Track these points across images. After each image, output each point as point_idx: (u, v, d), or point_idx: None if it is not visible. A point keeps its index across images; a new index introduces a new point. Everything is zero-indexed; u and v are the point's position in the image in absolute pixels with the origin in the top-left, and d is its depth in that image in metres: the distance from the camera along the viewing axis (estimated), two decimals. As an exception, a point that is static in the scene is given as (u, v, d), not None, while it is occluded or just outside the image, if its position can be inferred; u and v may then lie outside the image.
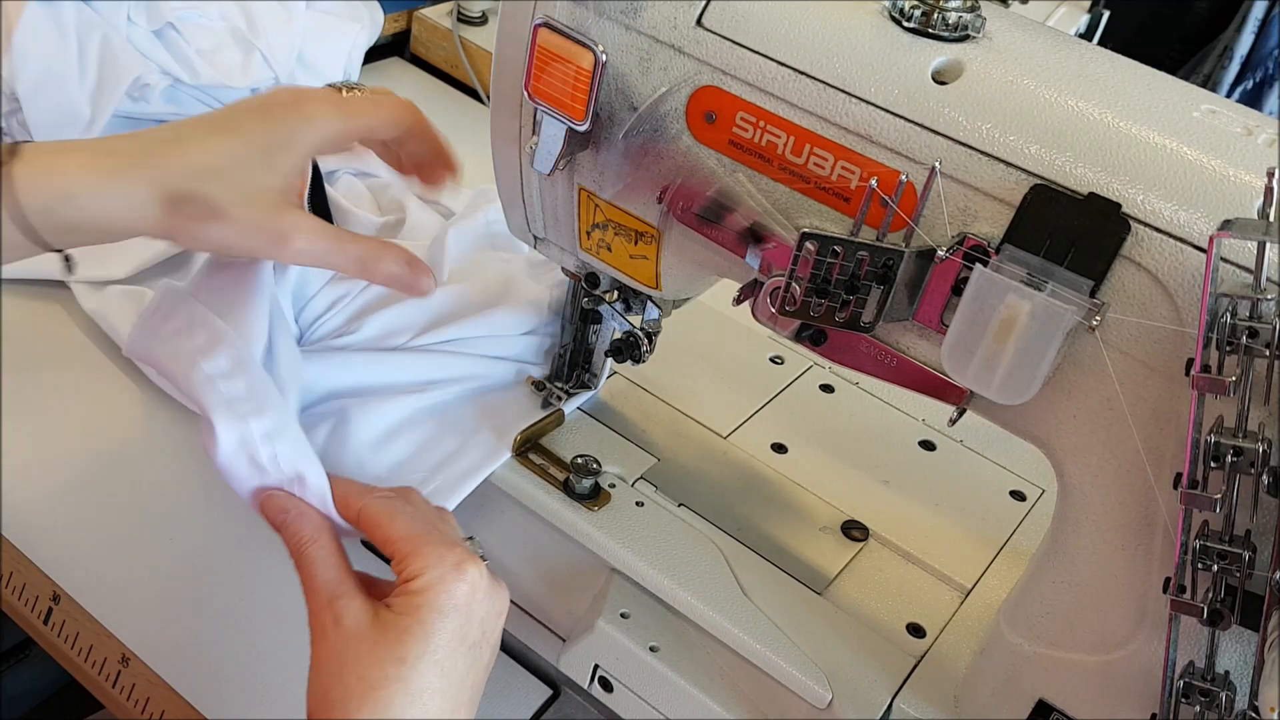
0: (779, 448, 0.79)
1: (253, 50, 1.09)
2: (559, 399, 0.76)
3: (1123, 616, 0.55)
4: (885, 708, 0.63)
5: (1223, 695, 0.51)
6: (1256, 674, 0.49)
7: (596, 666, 0.69)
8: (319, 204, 1.01)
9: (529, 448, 0.73)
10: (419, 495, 0.66)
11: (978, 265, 0.50)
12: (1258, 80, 1.92)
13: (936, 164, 0.51)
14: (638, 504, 0.71)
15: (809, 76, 0.54)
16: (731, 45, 0.56)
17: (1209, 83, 1.93)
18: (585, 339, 0.76)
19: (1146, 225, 0.49)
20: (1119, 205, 0.49)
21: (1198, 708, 0.52)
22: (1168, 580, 0.51)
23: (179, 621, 0.74)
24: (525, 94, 0.59)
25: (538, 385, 0.76)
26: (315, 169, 1.00)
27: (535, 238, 0.71)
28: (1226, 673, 0.52)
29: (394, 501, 0.62)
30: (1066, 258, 0.49)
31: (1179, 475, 0.49)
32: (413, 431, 0.74)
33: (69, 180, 0.57)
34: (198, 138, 0.60)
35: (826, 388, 0.86)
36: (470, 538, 0.62)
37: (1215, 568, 0.49)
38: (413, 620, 0.55)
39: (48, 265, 0.65)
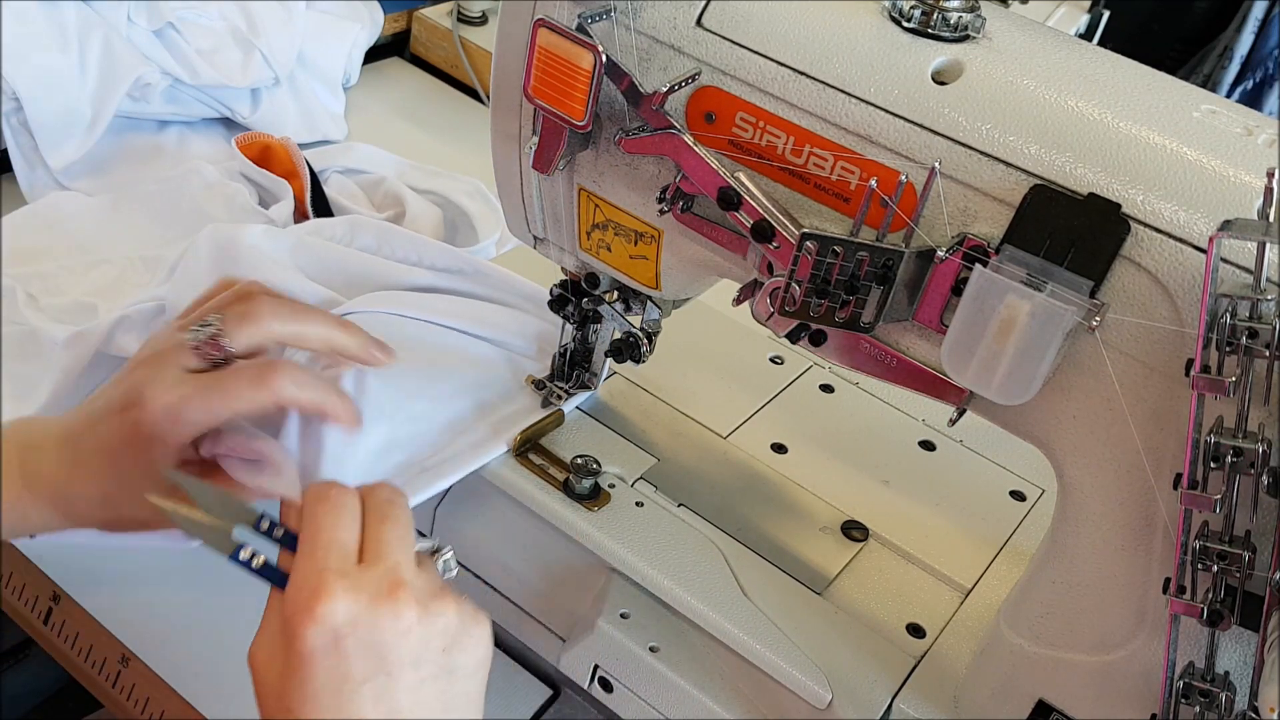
0: (779, 448, 0.79)
1: (253, 50, 1.09)
2: (559, 399, 0.76)
3: (1123, 617, 0.55)
4: (885, 708, 0.63)
5: (1222, 696, 0.51)
6: (1256, 674, 0.49)
7: (596, 667, 0.69)
8: (320, 206, 1.01)
9: (529, 448, 0.73)
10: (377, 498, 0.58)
11: (977, 265, 0.50)
12: (1258, 80, 1.92)
13: (936, 164, 0.51)
14: (638, 504, 0.71)
15: (809, 76, 0.54)
16: (731, 45, 0.56)
17: (1209, 83, 1.93)
18: (585, 339, 0.76)
19: (1146, 225, 0.49)
20: (1119, 205, 0.49)
21: (1198, 708, 0.52)
22: (1168, 580, 0.51)
23: (179, 621, 0.74)
24: (525, 95, 0.59)
25: (538, 385, 0.76)
26: (311, 172, 1.01)
27: (535, 238, 0.71)
28: (1226, 673, 0.52)
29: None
30: (1066, 258, 0.49)
31: (1179, 475, 0.49)
32: (409, 426, 0.73)
33: (20, 516, 0.61)
34: (91, 462, 0.60)
35: (826, 388, 0.86)
36: (436, 550, 0.57)
37: (1215, 568, 0.49)
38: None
39: None
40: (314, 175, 1.01)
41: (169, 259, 0.86)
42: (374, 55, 1.31)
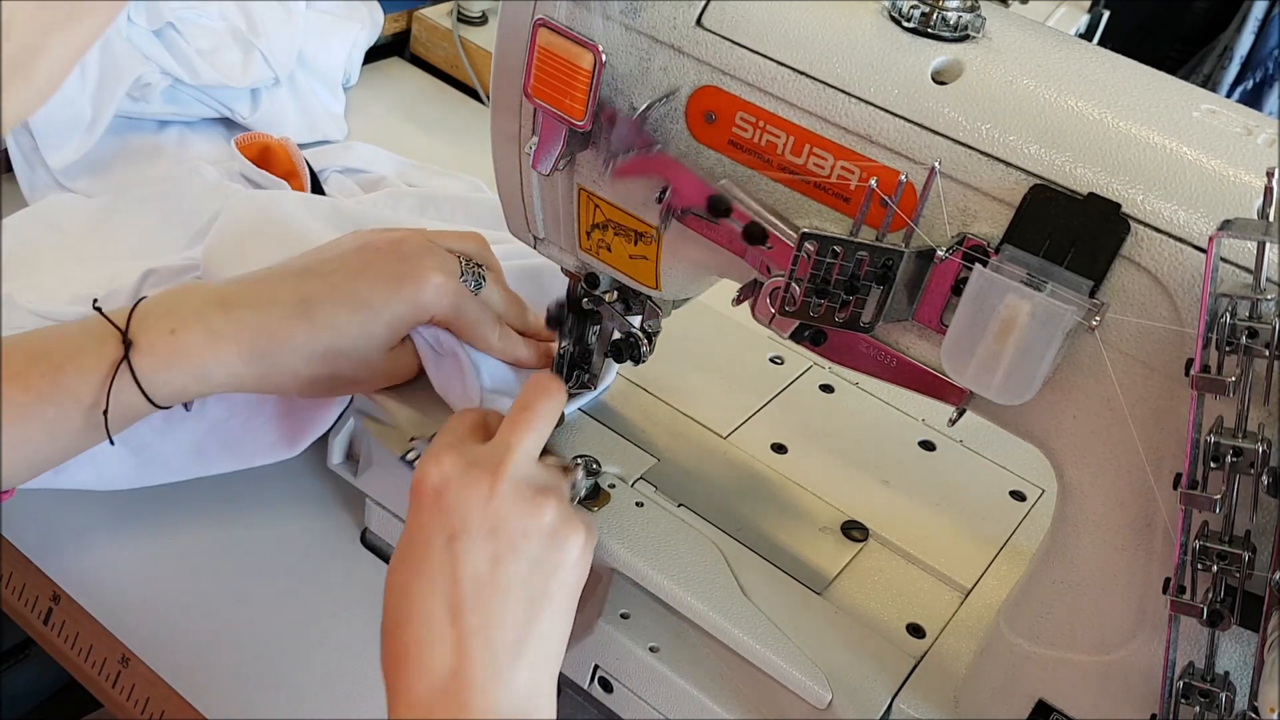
0: (779, 448, 0.79)
1: (253, 50, 1.09)
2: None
3: (1123, 617, 0.55)
4: (885, 708, 0.63)
5: (1222, 696, 0.51)
6: (1256, 674, 0.49)
7: (596, 666, 0.69)
8: None
9: (529, 448, 0.73)
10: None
11: (977, 265, 0.50)
12: (1258, 80, 1.92)
13: (936, 164, 0.51)
14: (638, 504, 0.71)
15: (809, 76, 0.54)
16: (731, 45, 0.56)
17: (1209, 83, 1.93)
18: (585, 339, 0.76)
19: (1146, 225, 0.49)
20: (1119, 205, 0.49)
21: (1197, 708, 0.52)
22: (1168, 580, 0.51)
23: (179, 621, 0.74)
24: (525, 95, 0.59)
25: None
26: (311, 171, 1.00)
27: (535, 238, 0.71)
28: (1226, 673, 0.52)
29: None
30: (1066, 258, 0.49)
31: (1179, 475, 0.49)
32: None
33: (200, 376, 0.65)
34: (329, 315, 0.66)
35: (826, 388, 0.86)
36: (570, 466, 0.65)
37: (1215, 568, 0.49)
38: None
39: None
40: (314, 175, 1.01)
41: (166, 264, 0.86)
42: (374, 55, 1.31)
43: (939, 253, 0.52)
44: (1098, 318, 0.48)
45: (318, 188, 1.01)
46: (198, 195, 0.98)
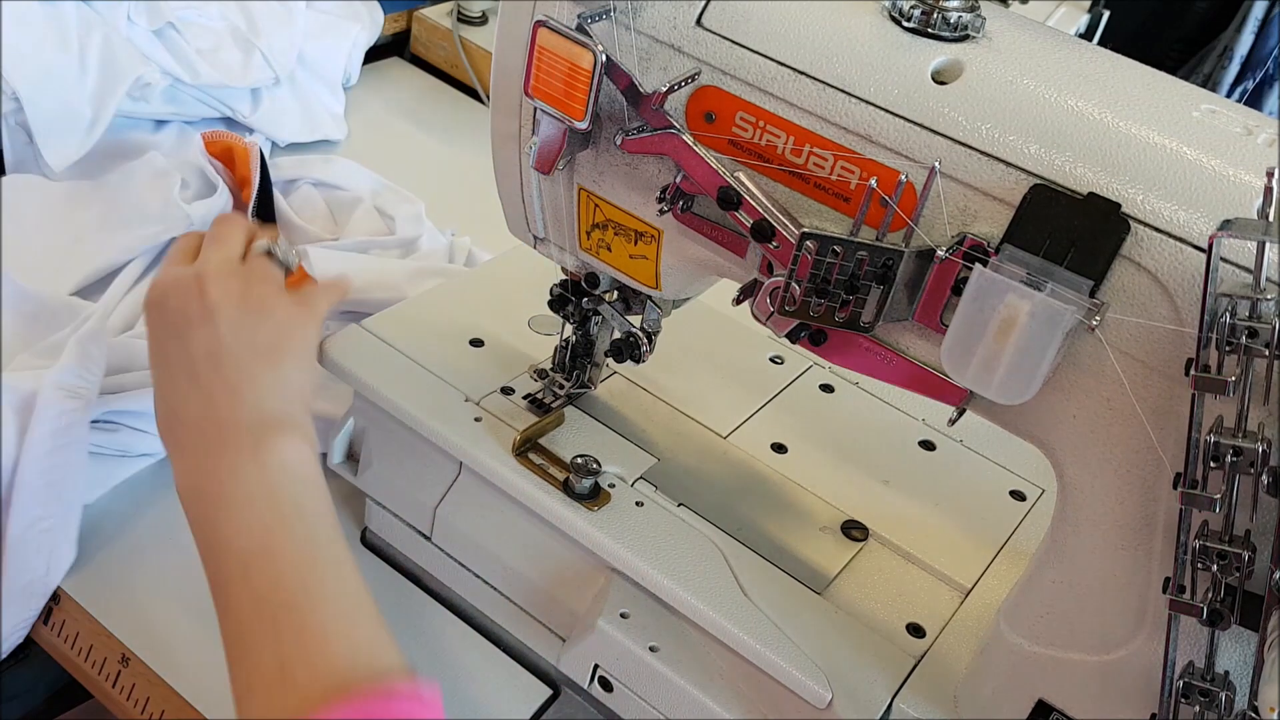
0: (779, 448, 0.79)
1: (253, 50, 1.09)
2: (556, 396, 0.76)
3: (1123, 616, 0.55)
4: (885, 708, 0.63)
5: (1222, 695, 0.51)
6: (1256, 674, 0.49)
7: (596, 666, 0.69)
8: (265, 210, 0.99)
9: (529, 448, 0.73)
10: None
11: (977, 265, 0.50)
12: (1258, 80, 1.92)
13: (936, 164, 0.51)
14: (638, 504, 0.71)
15: (809, 76, 0.54)
16: (731, 45, 0.56)
17: (1209, 83, 1.92)
18: (586, 338, 0.76)
19: (1146, 225, 0.49)
20: (1119, 205, 0.49)
21: (1197, 708, 0.52)
22: (1168, 580, 0.51)
23: (179, 621, 0.74)
24: (525, 95, 0.59)
25: (540, 374, 0.76)
26: (264, 172, 0.98)
27: (535, 238, 0.71)
28: (1226, 673, 0.52)
29: None
30: (1066, 258, 0.49)
31: (1179, 475, 0.49)
32: None
33: None
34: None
35: (826, 388, 0.86)
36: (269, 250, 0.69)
37: (1215, 568, 0.49)
38: None
39: None
40: (267, 187, 0.99)
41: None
42: (374, 55, 1.31)
43: (939, 253, 0.52)
44: (1098, 317, 0.48)
45: (266, 199, 0.99)
46: (144, 184, 0.97)
